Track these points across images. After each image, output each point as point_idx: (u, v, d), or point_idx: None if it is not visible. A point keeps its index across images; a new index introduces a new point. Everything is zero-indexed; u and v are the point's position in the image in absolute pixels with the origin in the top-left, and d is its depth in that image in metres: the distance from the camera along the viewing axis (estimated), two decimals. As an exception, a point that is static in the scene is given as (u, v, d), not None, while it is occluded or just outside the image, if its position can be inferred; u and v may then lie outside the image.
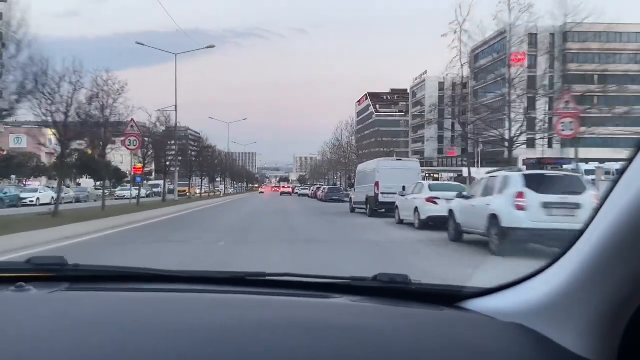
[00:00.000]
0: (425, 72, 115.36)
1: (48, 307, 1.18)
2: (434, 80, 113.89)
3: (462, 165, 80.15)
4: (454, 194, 13.02)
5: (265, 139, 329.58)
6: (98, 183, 74.22)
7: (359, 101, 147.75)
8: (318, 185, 64.50)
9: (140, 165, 79.02)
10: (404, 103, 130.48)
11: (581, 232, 0.93)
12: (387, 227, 15.71)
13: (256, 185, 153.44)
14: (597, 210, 0.90)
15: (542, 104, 30.95)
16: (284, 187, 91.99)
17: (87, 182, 70.70)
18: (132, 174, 74.89)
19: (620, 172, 0.87)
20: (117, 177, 72.32)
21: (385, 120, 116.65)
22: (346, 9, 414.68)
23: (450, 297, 1.26)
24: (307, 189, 70.78)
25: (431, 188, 14.87)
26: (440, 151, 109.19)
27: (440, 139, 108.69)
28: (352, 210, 24.44)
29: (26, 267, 1.39)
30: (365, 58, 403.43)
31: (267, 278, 1.43)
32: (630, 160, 0.85)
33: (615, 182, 0.87)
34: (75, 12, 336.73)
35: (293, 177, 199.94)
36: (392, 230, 14.92)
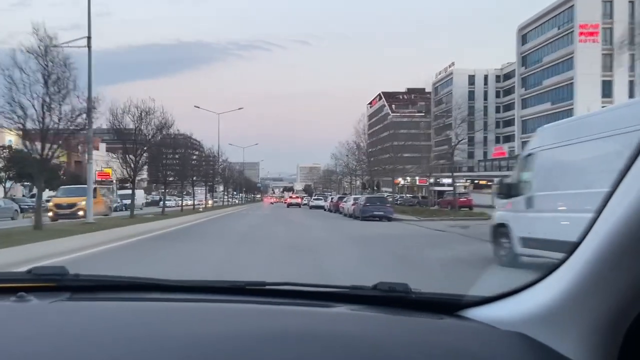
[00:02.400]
0: (453, 64, 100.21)
1: (49, 317, 1.17)
2: (463, 73, 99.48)
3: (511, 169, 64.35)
4: None
5: (268, 150, 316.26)
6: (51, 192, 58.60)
7: (370, 103, 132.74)
8: (339, 195, 48.30)
9: (109, 170, 61.74)
10: (423, 103, 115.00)
11: (581, 240, 0.92)
12: None
13: (257, 195, 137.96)
14: (596, 217, 0.89)
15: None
16: (292, 197, 73.83)
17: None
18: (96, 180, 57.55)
19: (619, 179, 0.85)
20: (73, 184, 56.45)
21: (403, 121, 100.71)
22: (345, 22, 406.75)
23: (450, 306, 1.25)
24: (321, 199, 55.15)
25: None
26: (470, 154, 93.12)
27: (470, 140, 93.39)
28: (512, 259, 8.51)
29: (27, 277, 1.38)
30: (368, 67, 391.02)
31: (268, 287, 1.41)
32: (628, 167, 0.84)
33: (613, 189, 0.86)
34: (80, 25, 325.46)
35: (297, 186, 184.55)
36: None
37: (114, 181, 56.02)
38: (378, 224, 23.92)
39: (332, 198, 46.55)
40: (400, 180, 73.95)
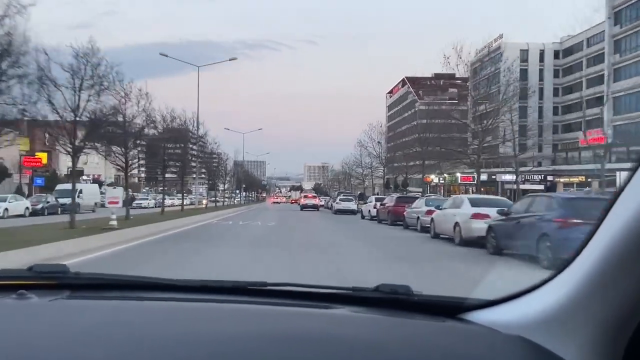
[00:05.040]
0: (501, 36, 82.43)
1: (49, 315, 1.17)
2: (514, 48, 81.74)
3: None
4: None
5: (275, 149, 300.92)
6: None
7: (390, 92, 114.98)
8: (398, 195, 30.27)
9: (42, 155, 42.83)
10: (454, 90, 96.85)
11: (584, 244, 0.92)
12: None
13: (263, 195, 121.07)
14: (599, 222, 0.89)
15: None
16: (307, 196, 52.06)
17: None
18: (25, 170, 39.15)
19: (624, 183, 0.84)
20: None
21: (435, 109, 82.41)
22: (353, 21, 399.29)
23: (452, 309, 1.25)
24: (351, 199, 38.03)
25: None
26: (522, 147, 74.56)
27: (522, 130, 75.57)
28: None
29: (28, 275, 1.37)
30: (373, 67, 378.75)
31: (269, 288, 1.42)
32: (634, 170, 0.84)
33: (618, 193, 0.85)
34: (87, 24, 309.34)
35: (306, 185, 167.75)
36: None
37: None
38: None
39: (376, 200, 28.75)
40: (433, 178, 57.43)
